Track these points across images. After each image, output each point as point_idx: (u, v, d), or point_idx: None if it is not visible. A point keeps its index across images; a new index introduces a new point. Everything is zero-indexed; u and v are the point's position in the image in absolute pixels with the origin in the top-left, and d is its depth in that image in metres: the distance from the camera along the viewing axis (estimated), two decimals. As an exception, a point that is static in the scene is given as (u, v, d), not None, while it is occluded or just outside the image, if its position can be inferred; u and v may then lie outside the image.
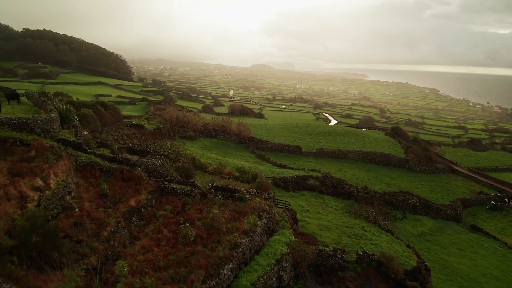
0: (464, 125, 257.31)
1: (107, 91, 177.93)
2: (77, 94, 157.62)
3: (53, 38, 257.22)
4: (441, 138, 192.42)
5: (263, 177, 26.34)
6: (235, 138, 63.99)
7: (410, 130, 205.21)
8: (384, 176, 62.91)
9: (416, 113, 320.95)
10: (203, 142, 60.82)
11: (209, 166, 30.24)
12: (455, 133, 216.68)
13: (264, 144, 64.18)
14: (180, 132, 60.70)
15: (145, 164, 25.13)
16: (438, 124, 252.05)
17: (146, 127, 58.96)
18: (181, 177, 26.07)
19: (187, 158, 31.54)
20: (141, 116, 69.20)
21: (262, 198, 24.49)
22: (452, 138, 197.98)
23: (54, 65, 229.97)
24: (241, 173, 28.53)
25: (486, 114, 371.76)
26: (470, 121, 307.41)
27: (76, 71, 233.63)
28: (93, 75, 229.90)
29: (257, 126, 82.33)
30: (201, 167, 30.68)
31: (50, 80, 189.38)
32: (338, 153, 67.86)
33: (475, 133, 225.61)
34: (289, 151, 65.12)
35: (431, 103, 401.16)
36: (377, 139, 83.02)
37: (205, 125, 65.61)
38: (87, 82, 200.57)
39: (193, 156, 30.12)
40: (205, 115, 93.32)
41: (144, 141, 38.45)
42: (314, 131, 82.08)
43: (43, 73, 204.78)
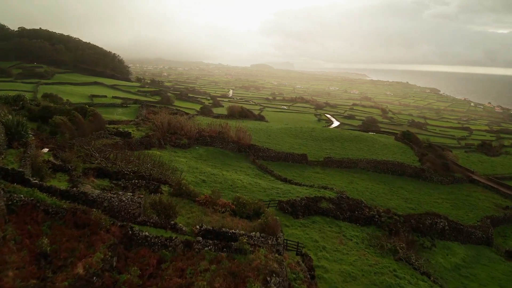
0: (468, 126, 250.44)
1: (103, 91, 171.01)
2: (71, 95, 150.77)
3: (49, 38, 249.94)
4: (446, 140, 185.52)
5: (268, 215, 19.32)
6: (234, 146, 56.95)
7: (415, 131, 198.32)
8: (399, 189, 55.99)
9: (418, 113, 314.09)
10: (198, 151, 53.79)
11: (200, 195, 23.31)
12: (459, 134, 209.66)
13: (266, 153, 57.15)
14: (172, 140, 53.64)
15: (108, 201, 18.18)
16: (441, 125, 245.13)
17: (133, 135, 51.93)
18: (159, 217, 19.07)
19: (174, 180, 24.66)
20: (130, 121, 62.15)
21: (269, 249, 17.59)
22: (457, 140, 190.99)
23: (50, 65, 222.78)
24: (240, 205, 21.70)
25: (488, 114, 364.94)
26: (472, 122, 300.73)
27: (72, 71, 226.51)
28: (90, 75, 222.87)
29: (258, 130, 75.29)
30: (189, 194, 23.72)
31: (44, 80, 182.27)
32: (348, 162, 60.82)
33: (480, 135, 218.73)
34: (294, 160, 58.11)
35: (433, 103, 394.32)
36: (387, 145, 76.04)
37: (201, 132, 58.57)
38: (83, 82, 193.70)
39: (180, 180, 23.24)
40: (202, 118, 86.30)
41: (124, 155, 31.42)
42: (319, 136, 75.06)
43: (37, 73, 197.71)
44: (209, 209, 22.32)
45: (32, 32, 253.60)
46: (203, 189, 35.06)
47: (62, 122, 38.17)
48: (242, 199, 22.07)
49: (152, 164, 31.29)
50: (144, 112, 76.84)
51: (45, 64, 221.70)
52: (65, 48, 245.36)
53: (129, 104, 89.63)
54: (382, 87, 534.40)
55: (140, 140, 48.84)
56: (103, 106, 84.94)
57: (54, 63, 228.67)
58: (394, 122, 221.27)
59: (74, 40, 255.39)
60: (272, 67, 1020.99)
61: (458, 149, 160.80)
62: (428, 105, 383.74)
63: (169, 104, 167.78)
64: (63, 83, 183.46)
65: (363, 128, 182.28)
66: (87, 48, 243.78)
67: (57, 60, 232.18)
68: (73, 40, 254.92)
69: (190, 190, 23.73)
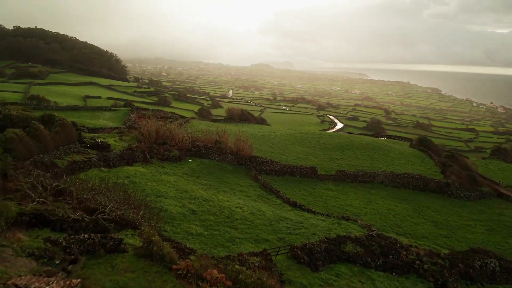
0: (474, 127, 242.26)
1: (98, 92, 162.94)
2: (63, 95, 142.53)
3: (44, 37, 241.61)
4: (453, 142, 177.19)
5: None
6: (232, 159, 48.50)
7: (420, 133, 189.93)
8: (425, 209, 47.69)
9: (421, 113, 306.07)
10: (190, 165, 45.39)
11: (178, 260, 15.05)
12: (466, 136, 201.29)
13: (270, 166, 48.72)
14: (160, 152, 45.22)
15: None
16: (446, 126, 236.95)
17: (113, 146, 43.55)
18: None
19: (146, 232, 16.35)
20: (114, 129, 53.69)
21: None
22: (465, 142, 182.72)
23: (44, 65, 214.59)
24: (240, 284, 13.55)
25: (491, 114, 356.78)
26: (476, 122, 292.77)
27: (68, 71, 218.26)
28: (86, 75, 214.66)
29: (260, 137, 66.86)
30: (163, 258, 15.46)
31: (38, 80, 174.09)
32: (363, 176, 52.43)
33: (487, 136, 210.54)
34: (302, 174, 49.68)
35: (435, 103, 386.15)
36: (404, 154, 67.64)
37: (194, 141, 50.12)
38: (78, 83, 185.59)
39: (150, 237, 15.07)
40: (198, 123, 77.88)
41: (80, 186, 22.84)
42: (328, 143, 66.63)
43: (31, 73, 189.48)
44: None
45: (27, 31, 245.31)
46: (191, 225, 26.71)
47: (15, 137, 29.83)
48: (244, 277, 13.95)
49: (123, 197, 22.86)
50: (133, 117, 68.39)
51: (40, 63, 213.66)
52: (61, 48, 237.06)
53: (119, 107, 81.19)
54: (383, 87, 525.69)
55: (121, 154, 40.42)
56: (90, 109, 76.52)
57: (49, 62, 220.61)
58: (398, 124, 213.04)
59: (70, 39, 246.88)
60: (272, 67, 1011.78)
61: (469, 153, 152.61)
62: (430, 105, 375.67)
63: (166, 105, 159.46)
64: (57, 84, 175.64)
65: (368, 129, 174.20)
66: (83, 47, 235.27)
67: (52, 59, 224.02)
68: (69, 39, 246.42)
69: (165, 252, 15.44)
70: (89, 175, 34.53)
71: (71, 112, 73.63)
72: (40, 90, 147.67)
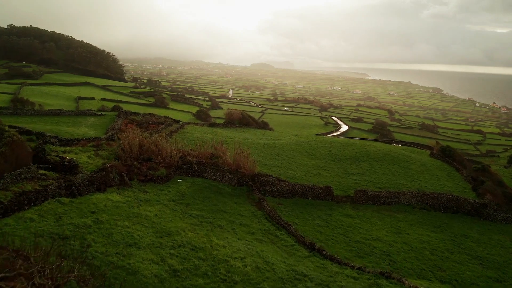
0: (479, 129, 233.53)
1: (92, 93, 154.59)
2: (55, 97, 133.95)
3: (39, 35, 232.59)
4: (462, 145, 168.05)
5: None
6: (231, 178, 39.69)
7: (427, 136, 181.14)
8: (463, 239, 39.02)
9: (424, 114, 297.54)
10: (179, 188, 36.61)
11: None
12: (474, 138, 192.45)
13: (277, 186, 39.94)
14: (143, 170, 36.43)
15: None
16: (451, 128, 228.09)
17: (84, 166, 34.77)
18: None
19: None
20: (91, 141, 44.89)
21: None
22: (474, 145, 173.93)
23: (39, 64, 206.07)
24: None
25: (495, 115, 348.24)
26: (480, 123, 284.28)
27: (63, 71, 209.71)
28: (81, 75, 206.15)
29: (263, 147, 58.08)
30: None
31: (31, 80, 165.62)
32: (387, 197, 43.71)
33: (495, 138, 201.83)
34: (315, 196, 40.90)
35: (437, 104, 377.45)
36: (426, 165, 58.89)
37: (186, 155, 41.32)
38: (72, 83, 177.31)
39: None
40: (194, 129, 69.09)
41: None
42: (341, 154, 57.82)
43: (25, 72, 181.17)
44: None
45: (22, 29, 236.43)
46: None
47: None
48: None
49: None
50: (119, 123, 59.57)
51: (34, 63, 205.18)
52: (56, 47, 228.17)
53: (106, 111, 72.38)
54: (384, 87, 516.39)
55: (91, 177, 31.64)
56: (73, 114, 67.73)
57: (44, 62, 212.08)
58: (403, 125, 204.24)
59: (66, 38, 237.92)
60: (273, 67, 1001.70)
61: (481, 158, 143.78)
62: (433, 106, 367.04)
63: (163, 106, 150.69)
64: (51, 84, 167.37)
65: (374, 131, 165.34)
66: (79, 46, 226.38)
67: (47, 59, 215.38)
68: (65, 38, 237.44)
69: None
70: (43, 210, 25.89)
71: (51, 118, 64.93)
72: (31, 90, 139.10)
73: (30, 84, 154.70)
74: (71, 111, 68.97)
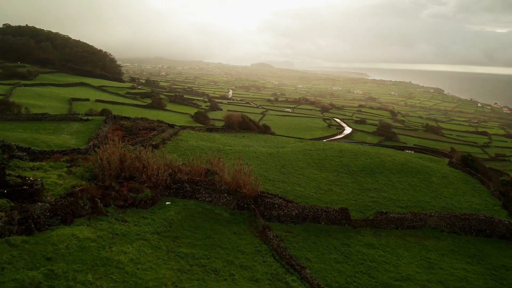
0: (484, 130, 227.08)
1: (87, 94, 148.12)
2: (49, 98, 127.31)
3: (35, 35, 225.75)
4: (469, 148, 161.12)
5: None
6: (229, 200, 33.06)
7: (432, 138, 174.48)
8: (503, 271, 32.35)
9: (426, 115, 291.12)
10: (167, 214, 29.98)
11: None
12: (479, 140, 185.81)
13: (284, 210, 33.31)
14: (122, 193, 29.76)
15: None
16: (455, 129, 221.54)
17: (51, 188, 28.17)
18: None
19: None
20: (67, 154, 38.23)
21: None
22: (481, 147, 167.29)
23: (35, 64, 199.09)
24: None
25: (497, 115, 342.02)
26: (483, 124, 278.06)
27: (59, 71, 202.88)
28: (77, 75, 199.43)
29: (266, 157, 51.44)
30: None
31: (25, 81, 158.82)
32: (412, 220, 37.13)
33: (501, 140, 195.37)
34: (329, 220, 34.29)
35: (439, 104, 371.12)
36: (447, 177, 52.27)
37: (176, 172, 34.64)
38: (68, 83, 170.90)
39: None
40: (189, 135, 62.40)
41: None
42: (353, 164, 51.18)
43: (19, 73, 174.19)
44: None
45: (17, 29, 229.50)
46: None
47: None
48: None
49: None
50: (105, 130, 52.90)
51: (30, 63, 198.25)
52: (52, 46, 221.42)
53: (94, 115, 65.70)
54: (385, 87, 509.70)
55: (54, 207, 25.04)
56: (56, 119, 61.07)
57: (39, 62, 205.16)
58: (407, 127, 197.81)
59: (62, 37, 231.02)
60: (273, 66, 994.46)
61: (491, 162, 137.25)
62: (435, 106, 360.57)
63: (160, 108, 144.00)
64: (45, 85, 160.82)
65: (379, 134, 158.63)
66: (76, 46, 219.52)
67: (43, 59, 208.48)
68: (61, 38, 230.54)
69: None
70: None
71: (32, 124, 58.36)
72: (24, 92, 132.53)
73: (24, 84, 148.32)
74: (55, 116, 62.32)
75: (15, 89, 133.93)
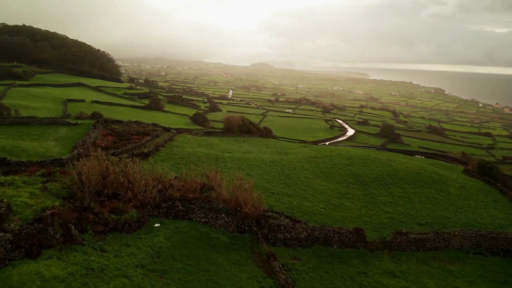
0: (487, 131, 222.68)
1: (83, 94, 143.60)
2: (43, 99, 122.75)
3: (32, 34, 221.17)
4: (474, 150, 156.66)
5: None
6: (228, 222, 28.61)
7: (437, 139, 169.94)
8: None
9: (428, 115, 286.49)
10: (154, 239, 25.50)
11: None
12: (483, 141, 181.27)
13: (291, 232, 28.82)
14: (102, 216, 25.27)
15: None
16: (459, 130, 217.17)
17: (19, 211, 23.65)
18: None
19: None
20: (45, 166, 33.76)
21: None
22: (486, 149, 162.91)
23: (31, 64, 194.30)
24: None
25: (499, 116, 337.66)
26: (485, 125, 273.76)
27: (56, 71, 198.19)
28: (75, 75, 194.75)
29: (269, 166, 46.97)
30: None
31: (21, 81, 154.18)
32: (435, 241, 32.73)
33: (506, 142, 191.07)
34: (342, 243, 29.88)
35: (440, 104, 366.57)
36: (466, 188, 47.86)
37: (167, 188, 30.19)
38: (64, 84, 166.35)
39: None
40: (186, 140, 57.90)
41: None
42: (364, 174, 46.72)
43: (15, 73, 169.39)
44: None
45: (14, 28, 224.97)
46: None
47: None
48: None
49: None
50: (93, 136, 48.42)
51: (27, 63, 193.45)
52: (49, 46, 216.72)
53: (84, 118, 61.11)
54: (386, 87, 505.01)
55: (18, 236, 20.62)
56: (43, 123, 56.58)
57: (36, 62, 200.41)
58: (410, 128, 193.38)
59: (59, 37, 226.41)
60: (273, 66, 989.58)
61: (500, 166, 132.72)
62: (436, 106, 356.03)
63: (158, 109, 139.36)
64: (41, 85, 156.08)
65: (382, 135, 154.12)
66: (73, 45, 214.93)
67: (40, 58, 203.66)
68: (59, 37, 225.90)
69: None
70: None
71: (17, 129, 53.87)
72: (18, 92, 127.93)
73: (19, 85, 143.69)
74: (42, 119, 57.77)
75: (9, 90, 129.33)
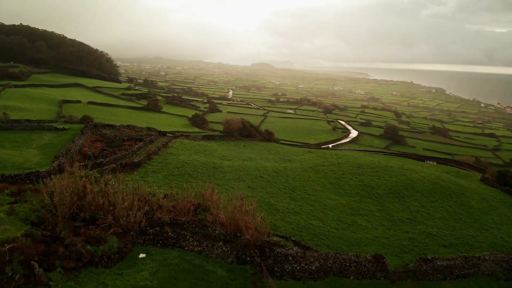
0: (491, 132, 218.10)
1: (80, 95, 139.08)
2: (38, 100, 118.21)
3: (30, 34, 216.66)
4: (480, 151, 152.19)
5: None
6: (226, 251, 24.13)
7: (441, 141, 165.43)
8: None
9: (430, 115, 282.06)
10: (137, 276, 21.04)
11: None
12: (488, 143, 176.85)
13: (301, 263, 24.38)
14: (74, 248, 20.84)
15: None
16: (462, 131, 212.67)
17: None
18: None
19: None
20: (14, 183, 29.38)
21: None
22: (492, 151, 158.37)
23: (29, 64, 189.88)
24: None
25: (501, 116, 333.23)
26: (488, 125, 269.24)
27: (53, 71, 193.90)
28: (73, 75, 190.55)
29: (272, 176, 42.48)
30: None
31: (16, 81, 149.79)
32: (463, 267, 28.46)
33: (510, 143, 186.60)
34: (360, 274, 25.50)
35: (442, 104, 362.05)
36: (487, 200, 43.48)
37: (154, 210, 25.70)
38: (61, 84, 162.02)
39: None
40: (182, 146, 53.40)
41: None
42: (377, 185, 42.27)
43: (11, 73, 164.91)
44: None
45: (11, 28, 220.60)
46: None
47: None
48: None
49: None
50: (80, 143, 43.99)
51: (24, 63, 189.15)
52: (47, 46, 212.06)
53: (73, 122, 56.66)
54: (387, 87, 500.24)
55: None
56: (28, 129, 52.14)
57: (33, 62, 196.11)
58: (414, 129, 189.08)
59: (57, 36, 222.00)
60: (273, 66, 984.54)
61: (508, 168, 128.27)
62: (438, 106, 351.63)
63: (156, 110, 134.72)
64: (37, 85, 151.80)
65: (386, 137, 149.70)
66: (71, 45, 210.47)
67: (37, 58, 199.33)
68: (57, 37, 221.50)
69: None
70: None
71: None
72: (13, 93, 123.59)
73: (15, 85, 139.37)
74: (27, 124, 53.29)
75: (4, 91, 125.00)
